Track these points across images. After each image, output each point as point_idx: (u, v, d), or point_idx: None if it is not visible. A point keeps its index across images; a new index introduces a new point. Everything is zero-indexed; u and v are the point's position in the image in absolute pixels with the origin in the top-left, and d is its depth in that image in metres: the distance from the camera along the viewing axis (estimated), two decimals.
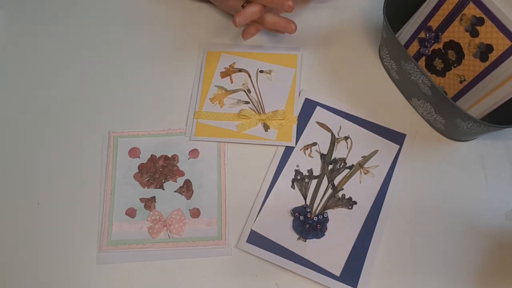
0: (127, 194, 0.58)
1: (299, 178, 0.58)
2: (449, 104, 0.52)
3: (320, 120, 0.61)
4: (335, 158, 0.59)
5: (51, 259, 0.55)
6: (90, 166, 0.59)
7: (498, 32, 0.49)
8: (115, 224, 0.56)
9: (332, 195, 0.57)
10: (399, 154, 0.59)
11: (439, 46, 0.57)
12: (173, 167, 0.59)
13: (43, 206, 0.57)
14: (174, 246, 0.55)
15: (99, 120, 0.62)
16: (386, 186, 0.58)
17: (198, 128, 0.61)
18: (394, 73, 0.62)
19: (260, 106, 0.62)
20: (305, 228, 0.55)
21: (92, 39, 0.67)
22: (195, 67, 0.65)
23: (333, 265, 0.54)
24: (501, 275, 0.54)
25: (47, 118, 0.62)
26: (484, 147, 0.60)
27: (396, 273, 0.54)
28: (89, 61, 0.66)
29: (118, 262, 0.55)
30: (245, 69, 0.65)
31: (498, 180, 0.58)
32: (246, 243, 0.55)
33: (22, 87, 0.64)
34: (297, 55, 0.65)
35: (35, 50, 0.66)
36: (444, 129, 0.59)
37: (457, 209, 0.57)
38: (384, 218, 0.56)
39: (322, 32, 0.67)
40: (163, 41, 0.67)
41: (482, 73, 0.53)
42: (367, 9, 0.69)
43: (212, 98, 0.63)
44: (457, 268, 0.54)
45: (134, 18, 0.69)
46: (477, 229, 0.56)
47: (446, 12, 0.54)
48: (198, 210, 0.57)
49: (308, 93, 0.63)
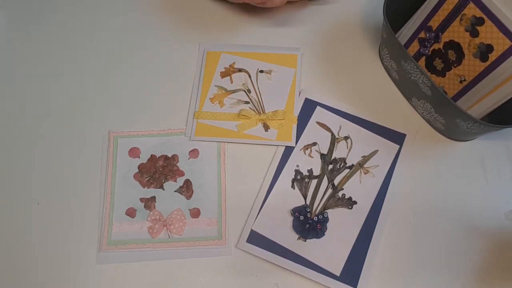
0: (127, 194, 0.58)
1: (299, 178, 0.58)
2: (449, 104, 0.52)
3: (320, 120, 0.61)
4: (335, 158, 0.59)
5: (51, 259, 0.55)
6: (90, 166, 0.59)
7: (498, 32, 0.49)
8: (115, 224, 0.56)
9: (332, 195, 0.57)
10: (399, 154, 0.59)
11: (439, 46, 0.57)
12: (173, 167, 0.59)
13: (43, 206, 0.57)
14: (174, 246, 0.55)
15: (99, 120, 0.62)
16: (386, 186, 0.58)
17: (198, 128, 0.61)
18: (394, 73, 0.62)
19: (260, 106, 0.62)
20: (305, 228, 0.55)
21: (92, 39, 0.67)
22: (195, 67, 0.65)
23: (333, 265, 0.54)
24: (501, 275, 0.54)
25: (47, 118, 0.62)
26: (484, 147, 0.60)
27: (396, 273, 0.54)
28: (89, 61, 0.66)
29: (118, 262, 0.55)
30: (245, 69, 0.65)
31: (498, 180, 0.58)
32: (246, 243, 0.55)
33: (22, 87, 0.64)
34: (297, 55, 0.65)
35: (35, 50, 0.66)
36: (444, 129, 0.59)
37: (457, 209, 0.57)
38: (384, 218, 0.56)
39: (322, 32, 0.67)
40: (163, 41, 0.67)
41: (482, 73, 0.53)
42: (367, 9, 0.69)
43: (212, 98, 0.63)
44: (457, 268, 0.54)
45: (134, 18, 0.69)
46: (477, 229, 0.56)
47: (446, 12, 0.54)
48: (198, 210, 0.57)
49: (308, 93, 0.63)
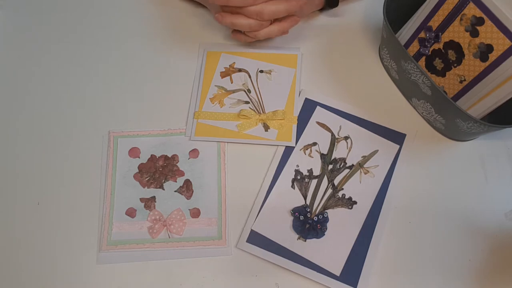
0: (127, 194, 0.58)
1: (299, 178, 0.58)
2: (449, 104, 0.52)
3: (320, 120, 0.61)
4: (335, 158, 0.59)
5: (51, 259, 0.55)
6: (90, 166, 0.59)
7: (498, 32, 0.49)
8: (115, 224, 0.56)
9: (332, 195, 0.57)
10: (399, 154, 0.59)
11: (439, 46, 0.57)
12: (173, 167, 0.59)
13: (43, 206, 0.57)
14: (174, 246, 0.55)
15: (99, 120, 0.62)
16: (386, 186, 0.58)
17: (198, 128, 0.61)
18: (394, 73, 0.62)
19: (260, 106, 0.62)
20: (305, 228, 0.55)
21: (92, 39, 0.67)
22: (195, 67, 0.65)
23: (333, 265, 0.54)
24: (501, 275, 0.54)
25: (47, 118, 0.62)
26: (484, 147, 0.60)
27: (396, 273, 0.54)
28: (89, 61, 0.66)
29: (118, 262, 0.55)
30: (245, 69, 0.65)
31: (498, 180, 0.58)
32: (246, 243, 0.55)
33: (22, 87, 0.64)
34: (297, 55, 0.65)
35: (34, 50, 0.66)
36: (444, 129, 0.59)
37: (457, 209, 0.57)
38: (384, 218, 0.56)
39: (322, 32, 0.67)
40: (163, 41, 0.67)
41: (482, 73, 0.53)
42: (367, 9, 0.69)
43: (212, 98, 0.63)
44: (457, 268, 0.54)
45: (134, 18, 0.69)
46: (477, 229, 0.56)
47: (446, 12, 0.54)
48: (198, 210, 0.57)
49: (308, 93, 0.63)
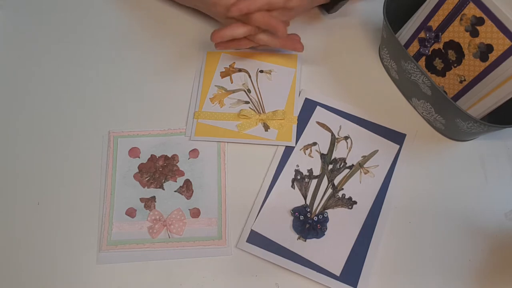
0: (127, 194, 0.58)
1: (299, 178, 0.58)
2: (449, 104, 0.52)
3: (320, 120, 0.61)
4: (335, 158, 0.59)
5: (51, 259, 0.55)
6: (90, 166, 0.59)
7: (498, 32, 0.49)
8: (115, 224, 0.56)
9: (332, 195, 0.57)
10: (399, 154, 0.59)
11: (439, 46, 0.57)
12: (173, 167, 0.59)
13: (43, 206, 0.57)
14: (174, 246, 0.55)
15: (99, 120, 0.62)
16: (386, 186, 0.58)
17: (198, 128, 0.61)
18: (394, 73, 0.62)
19: (260, 106, 0.62)
20: (305, 228, 0.55)
21: (91, 39, 0.67)
22: (195, 67, 0.65)
23: (333, 265, 0.54)
24: (501, 275, 0.54)
25: (47, 118, 0.62)
26: (484, 147, 0.60)
27: (396, 273, 0.54)
28: (89, 61, 0.66)
29: (118, 262, 0.55)
30: (245, 69, 0.65)
31: (498, 180, 0.58)
32: (246, 243, 0.55)
33: (22, 87, 0.64)
34: (297, 55, 0.65)
35: (34, 50, 0.66)
36: (444, 129, 0.59)
37: (457, 209, 0.57)
38: (384, 218, 0.56)
39: (322, 32, 0.67)
40: (163, 41, 0.67)
41: (482, 73, 0.53)
42: (367, 9, 0.69)
43: (212, 98, 0.63)
44: (457, 268, 0.54)
45: (135, 18, 0.69)
46: (477, 229, 0.56)
47: (446, 12, 0.54)
48: (198, 210, 0.57)
49: (308, 93, 0.63)
